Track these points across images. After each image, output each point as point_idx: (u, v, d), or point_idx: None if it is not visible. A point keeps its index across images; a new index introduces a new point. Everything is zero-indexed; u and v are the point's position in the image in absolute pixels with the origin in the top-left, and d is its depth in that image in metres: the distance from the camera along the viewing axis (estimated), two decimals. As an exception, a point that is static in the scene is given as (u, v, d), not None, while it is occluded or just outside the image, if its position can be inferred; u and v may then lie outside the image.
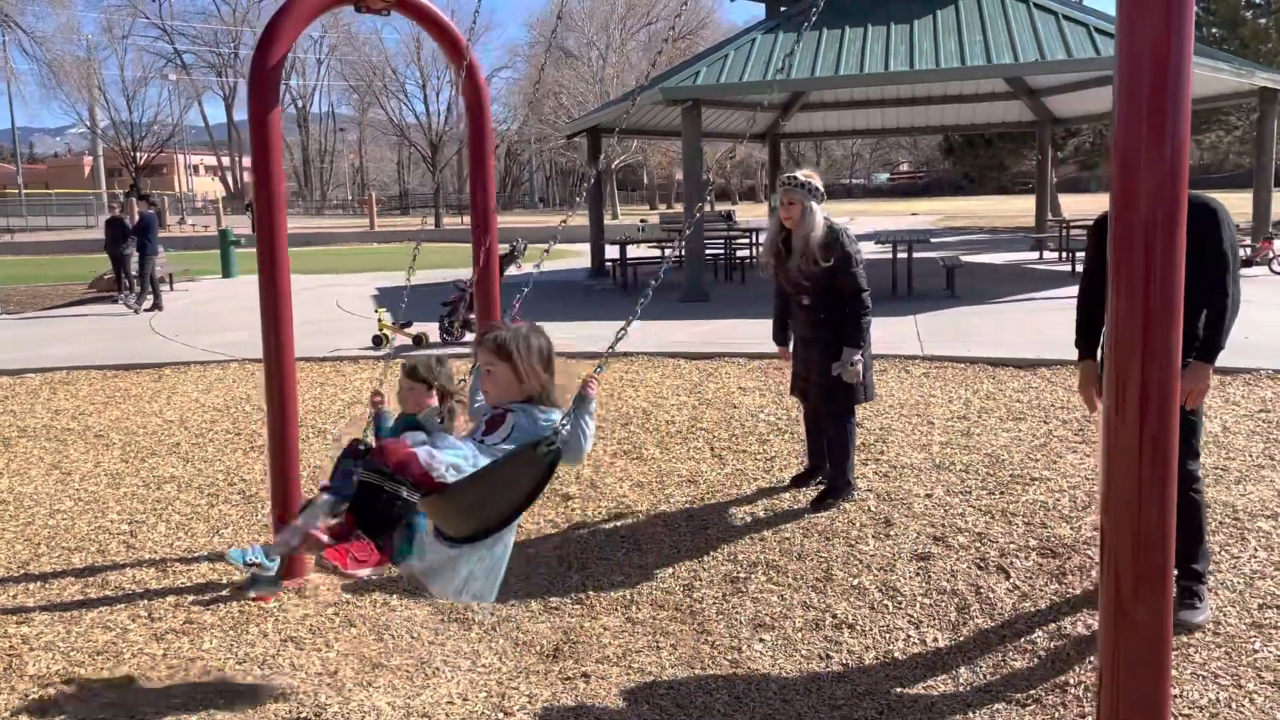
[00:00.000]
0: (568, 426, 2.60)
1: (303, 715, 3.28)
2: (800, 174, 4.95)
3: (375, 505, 2.57)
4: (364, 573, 2.71)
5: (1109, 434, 1.91)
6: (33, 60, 48.73)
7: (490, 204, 5.11)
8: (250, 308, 15.24)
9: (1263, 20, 25.15)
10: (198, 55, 68.08)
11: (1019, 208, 39.99)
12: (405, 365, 3.21)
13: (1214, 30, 26.03)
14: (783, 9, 16.35)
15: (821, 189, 4.96)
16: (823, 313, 5.05)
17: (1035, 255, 19.61)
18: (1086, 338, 4.03)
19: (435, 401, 3.28)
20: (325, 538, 2.66)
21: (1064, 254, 18.04)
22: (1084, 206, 35.86)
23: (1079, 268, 15.75)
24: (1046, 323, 10.71)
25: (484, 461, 2.59)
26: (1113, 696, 1.95)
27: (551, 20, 57.64)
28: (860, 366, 4.95)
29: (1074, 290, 13.07)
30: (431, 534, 2.77)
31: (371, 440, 3.31)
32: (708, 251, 16.85)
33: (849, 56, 13.50)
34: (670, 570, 4.63)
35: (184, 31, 66.69)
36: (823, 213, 4.95)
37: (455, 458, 2.57)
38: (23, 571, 4.67)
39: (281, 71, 4.32)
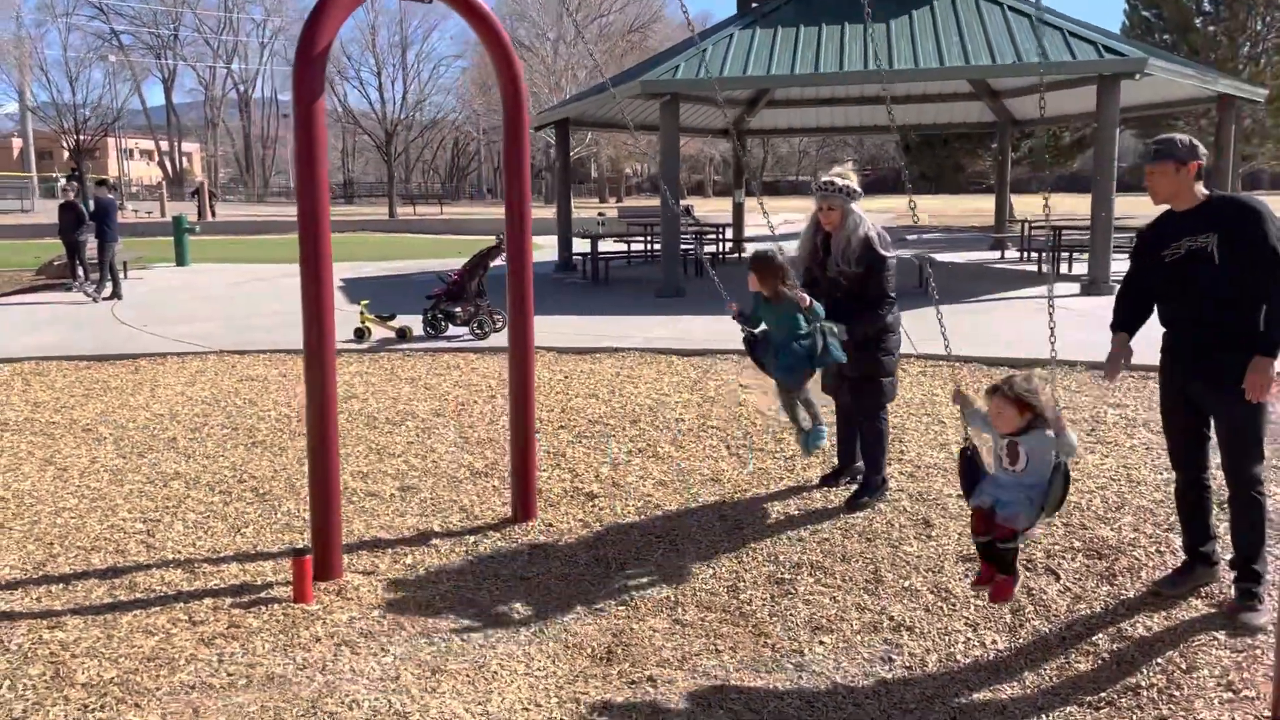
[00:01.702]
0: (1063, 451, 3.55)
1: (384, 724, 3.18)
2: (836, 178, 4.89)
3: (1003, 556, 3.67)
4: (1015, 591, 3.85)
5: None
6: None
7: (526, 200, 5.02)
8: (213, 298, 14.96)
9: (1212, 28, 25.88)
10: (136, 36, 66.21)
11: (970, 207, 40.65)
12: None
13: (1165, 36, 26.72)
14: (754, 5, 16.36)
15: (859, 188, 4.95)
16: (852, 319, 5.04)
17: (996, 255, 19.93)
18: (1123, 319, 4.09)
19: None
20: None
21: (1025, 254, 18.37)
22: (1036, 206, 36.57)
23: (1044, 268, 16.06)
24: (1025, 322, 10.89)
25: (1024, 499, 3.60)
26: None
27: (502, 10, 56.98)
28: (838, 352, 4.93)
29: (1043, 290, 13.28)
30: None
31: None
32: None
33: (827, 54, 13.57)
34: (710, 571, 4.59)
35: (121, 11, 64.82)
36: (862, 214, 4.95)
37: (1025, 510, 3.57)
38: (41, 573, 4.47)
39: (326, 59, 4.18)
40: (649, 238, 18.74)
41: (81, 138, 52.34)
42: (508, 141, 4.99)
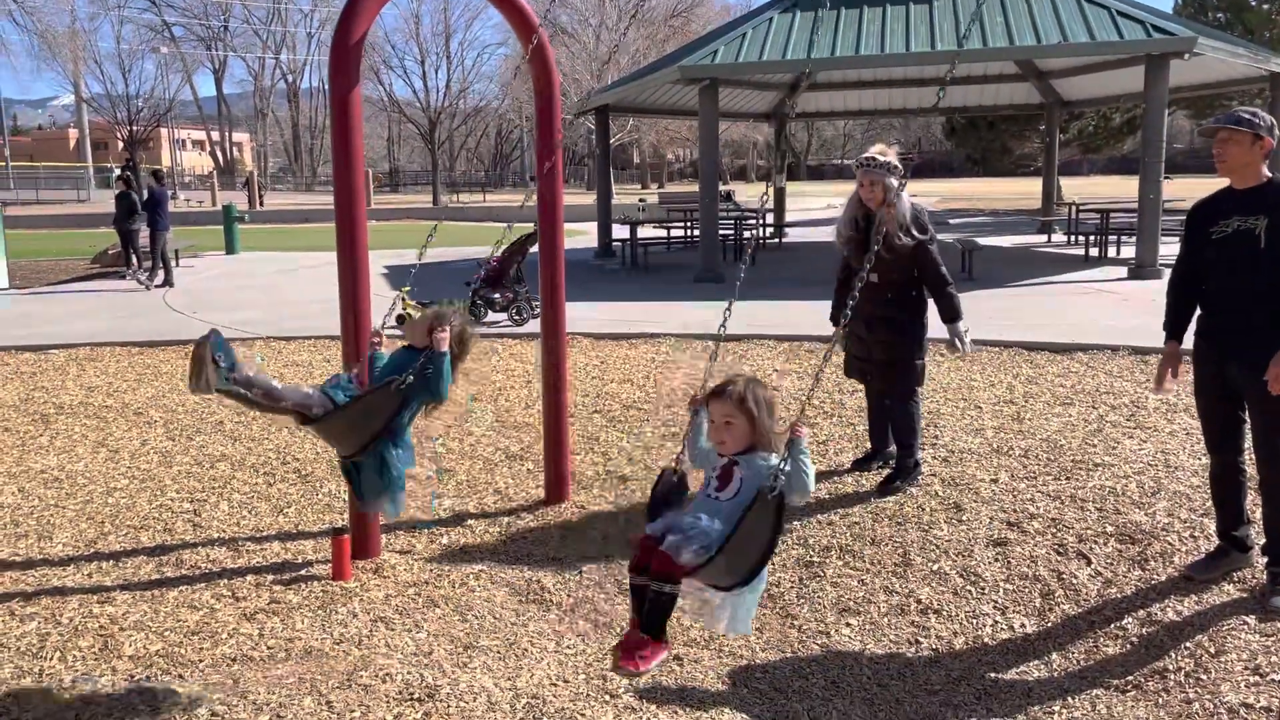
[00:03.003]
0: (787, 469, 2.65)
1: (415, 696, 3.28)
2: (877, 154, 4.93)
3: (654, 607, 2.68)
4: (653, 666, 2.73)
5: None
6: (24, 31, 47.93)
7: (558, 187, 5.08)
8: (261, 285, 15.22)
9: (1267, 6, 25.20)
10: (187, 28, 67.29)
11: (1016, 190, 40.06)
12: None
13: (1219, 15, 26.09)
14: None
15: (900, 165, 4.95)
16: (890, 291, 5.05)
17: (1044, 238, 19.65)
18: (1175, 324, 4.02)
19: (438, 334, 3.43)
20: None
21: (1073, 237, 18.09)
22: (1084, 189, 35.95)
23: (1092, 251, 15.82)
24: (1070, 306, 10.76)
25: (719, 527, 2.66)
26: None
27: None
28: (969, 339, 5.01)
29: (1090, 274, 13.22)
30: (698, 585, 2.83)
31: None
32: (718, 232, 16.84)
33: (869, 37, 13.45)
34: (741, 553, 4.63)
35: (172, 3, 65.88)
36: (905, 190, 4.95)
37: (698, 540, 2.64)
38: (92, 550, 4.64)
39: (363, 49, 4.26)
40: (689, 223, 18.73)
41: (135, 128, 53.39)
42: (539, 129, 5.06)
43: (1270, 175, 3.78)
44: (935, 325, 5.11)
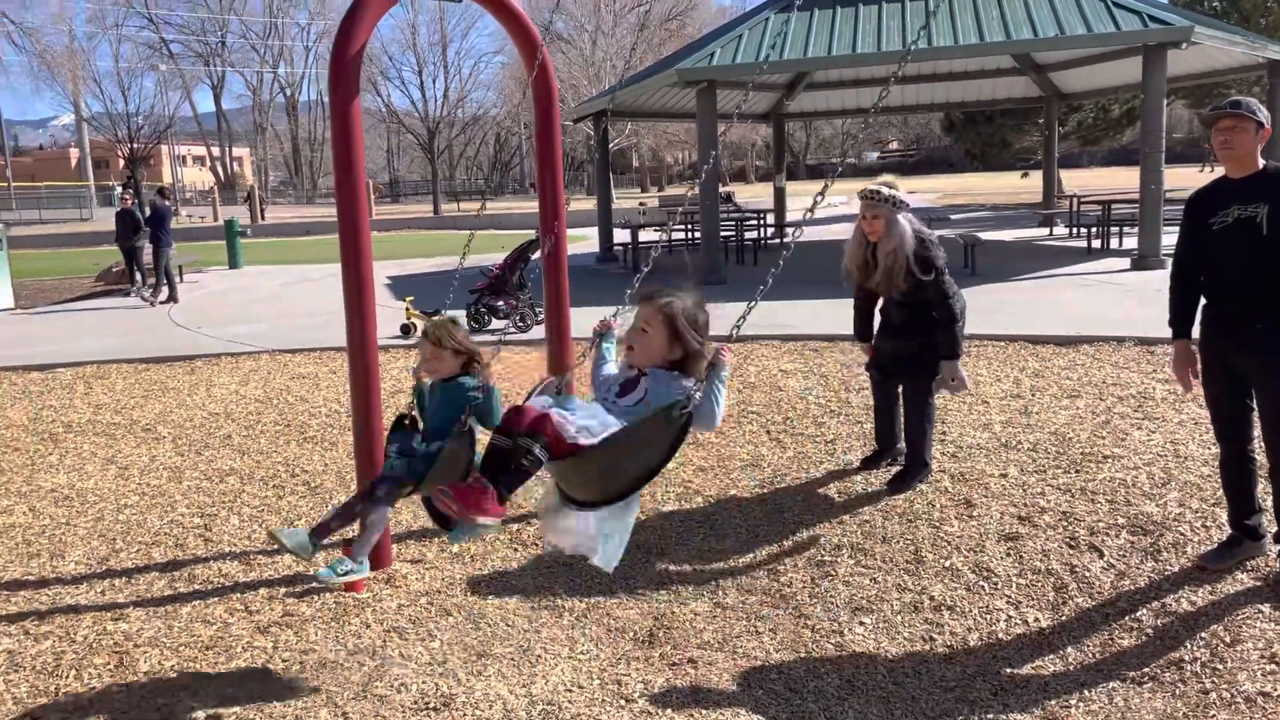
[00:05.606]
0: (699, 394, 2.56)
1: (431, 705, 3.28)
2: (881, 186, 4.83)
3: (505, 465, 2.57)
4: (486, 520, 2.62)
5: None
6: (22, 51, 48.10)
7: (559, 193, 5.09)
8: (265, 299, 15.24)
9: (1264, -8, 25.14)
10: (185, 45, 67.46)
11: (1016, 184, 40.01)
12: (425, 330, 3.31)
13: (1215, 4, 26.06)
14: (791, -12, 16.25)
15: (905, 199, 4.87)
16: (915, 310, 5.02)
17: (1045, 231, 19.63)
18: (1182, 319, 4.02)
19: (455, 364, 3.37)
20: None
21: (1075, 230, 18.07)
22: (1084, 182, 35.92)
23: (1094, 243, 15.80)
24: (1073, 299, 10.74)
25: (613, 424, 2.56)
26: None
27: (540, 2, 56.95)
28: (965, 374, 4.98)
29: (1093, 266, 13.18)
30: (557, 497, 2.76)
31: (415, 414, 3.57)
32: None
33: (865, 34, 13.45)
34: (751, 554, 4.63)
35: (170, 20, 66.08)
36: (908, 222, 4.87)
37: (585, 420, 2.56)
38: (105, 567, 4.65)
39: (361, 62, 4.27)
40: (689, 226, 18.73)
41: (135, 146, 53.47)
42: (539, 136, 5.07)
43: (1264, 162, 3.79)
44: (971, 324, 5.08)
